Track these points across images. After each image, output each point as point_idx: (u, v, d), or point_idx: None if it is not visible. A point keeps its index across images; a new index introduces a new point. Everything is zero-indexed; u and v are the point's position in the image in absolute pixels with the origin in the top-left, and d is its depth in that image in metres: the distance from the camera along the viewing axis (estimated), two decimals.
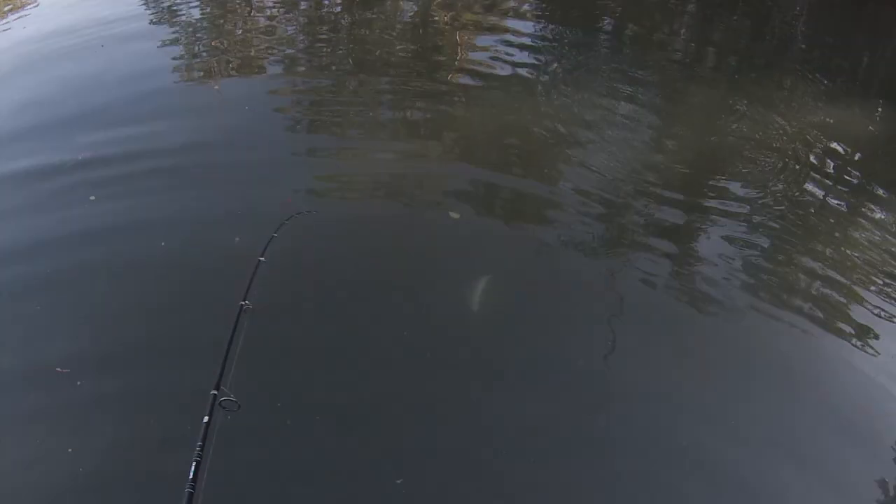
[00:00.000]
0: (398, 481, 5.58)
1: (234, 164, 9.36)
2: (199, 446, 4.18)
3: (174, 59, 12.91)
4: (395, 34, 14.40)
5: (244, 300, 5.70)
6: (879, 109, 12.50)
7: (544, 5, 17.02)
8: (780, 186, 9.71)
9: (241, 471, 5.21)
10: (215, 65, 12.87)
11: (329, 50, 13.81)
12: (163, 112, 10.88)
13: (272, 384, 6.30)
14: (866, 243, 8.76)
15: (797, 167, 10.18)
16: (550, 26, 15.54)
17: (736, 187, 9.65)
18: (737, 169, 10.13)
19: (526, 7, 16.86)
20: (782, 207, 9.23)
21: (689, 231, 8.72)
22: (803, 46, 16.20)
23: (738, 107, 11.85)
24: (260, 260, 6.47)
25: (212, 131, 10.33)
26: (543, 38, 14.80)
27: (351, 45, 14.01)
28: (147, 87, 11.70)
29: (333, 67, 12.98)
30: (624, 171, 9.68)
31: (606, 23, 16.66)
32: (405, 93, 11.88)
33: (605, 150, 10.20)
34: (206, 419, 4.41)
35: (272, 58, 13.42)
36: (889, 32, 16.55)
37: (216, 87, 11.87)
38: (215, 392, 4.65)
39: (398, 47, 13.86)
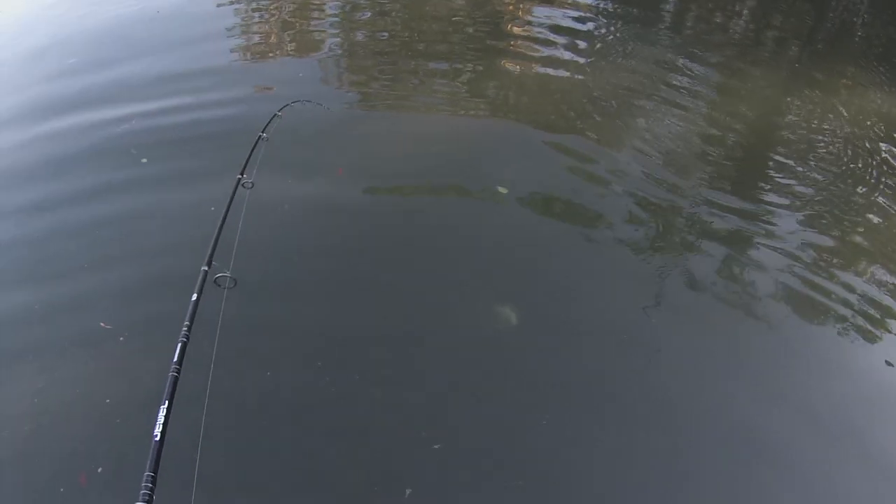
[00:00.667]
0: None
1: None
2: (187, 326, 3.82)
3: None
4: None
5: (241, 174, 5.55)
6: None
7: None
8: (839, 184, 9.61)
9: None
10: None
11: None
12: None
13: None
14: None
15: (857, 163, 10.08)
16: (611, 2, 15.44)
17: (790, 181, 9.57)
18: (792, 159, 10.07)
19: None
20: (836, 208, 9.13)
21: (740, 230, 8.58)
22: (864, 34, 15.95)
23: (797, 93, 11.82)
24: (261, 136, 6.44)
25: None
26: (604, 12, 14.80)
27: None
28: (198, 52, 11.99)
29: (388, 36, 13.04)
30: (679, 153, 9.73)
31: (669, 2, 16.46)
32: (463, 56, 11.99)
33: (660, 128, 10.24)
34: (194, 297, 4.05)
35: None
36: None
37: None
38: (206, 268, 4.33)
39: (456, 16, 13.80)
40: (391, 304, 6.85)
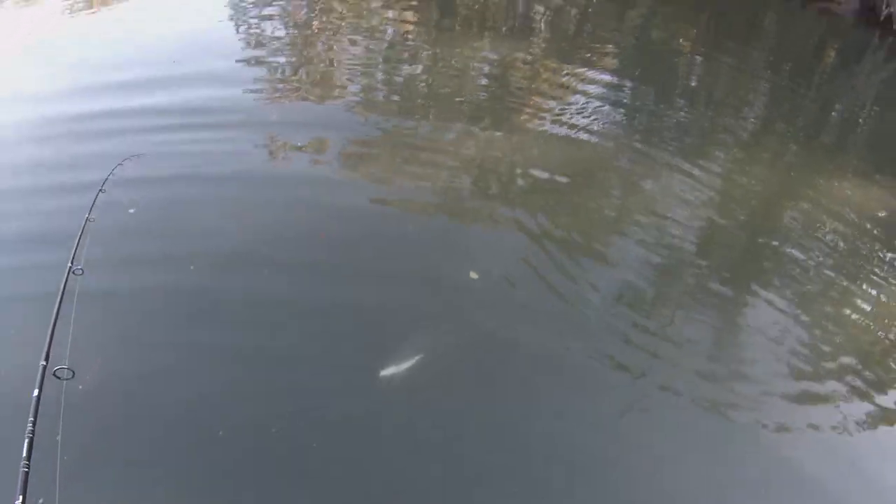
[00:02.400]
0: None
1: None
2: (31, 422, 3.85)
3: None
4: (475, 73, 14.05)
5: (71, 261, 5.47)
6: None
7: (622, 59, 17.21)
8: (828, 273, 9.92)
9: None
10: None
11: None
12: None
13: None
14: None
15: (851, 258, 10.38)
16: (627, 77, 15.94)
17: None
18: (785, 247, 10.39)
19: (606, 60, 17.01)
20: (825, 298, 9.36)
21: (730, 310, 8.77)
22: (865, 133, 16.40)
23: (793, 185, 12.24)
24: (88, 218, 6.35)
25: None
26: (618, 87, 15.25)
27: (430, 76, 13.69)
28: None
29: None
30: (670, 234, 9.97)
31: (683, 81, 17.05)
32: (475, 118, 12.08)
33: (658, 208, 10.51)
34: (35, 393, 4.04)
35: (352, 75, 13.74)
36: None
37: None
38: (44, 363, 4.33)
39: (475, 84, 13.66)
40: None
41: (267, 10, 16.37)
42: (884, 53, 24.25)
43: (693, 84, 16.90)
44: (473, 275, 8.34)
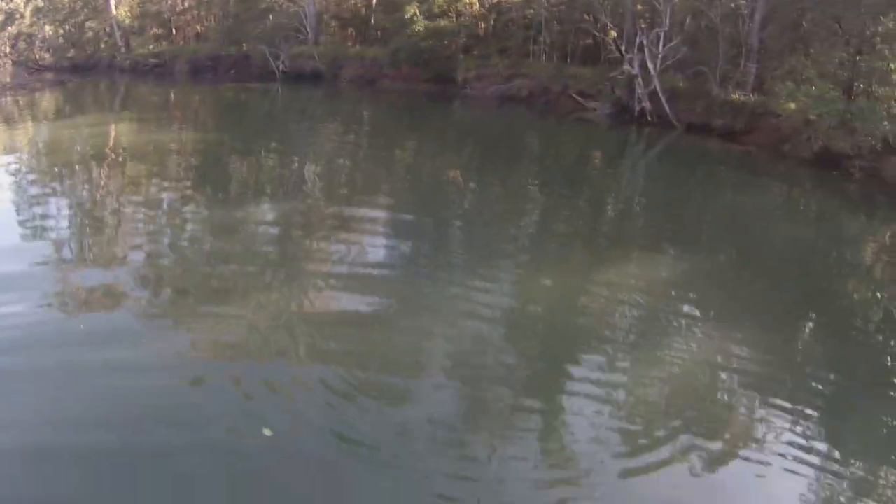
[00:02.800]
0: None
1: None
2: None
3: None
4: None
5: None
6: None
7: (398, 199, 16.98)
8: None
9: None
10: None
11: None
12: None
13: None
14: None
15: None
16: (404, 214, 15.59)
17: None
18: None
19: (382, 201, 16.68)
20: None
21: (548, 411, 8.40)
22: (640, 217, 17.03)
23: (583, 277, 12.19)
24: None
25: None
26: (397, 225, 14.90)
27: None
28: None
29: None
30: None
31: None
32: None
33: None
34: None
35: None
36: None
37: None
38: None
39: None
40: None
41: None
42: (643, 145, 25.63)
43: (469, 209, 16.77)
44: (267, 431, 7.47)
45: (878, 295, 12.44)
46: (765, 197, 18.79)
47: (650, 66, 26.21)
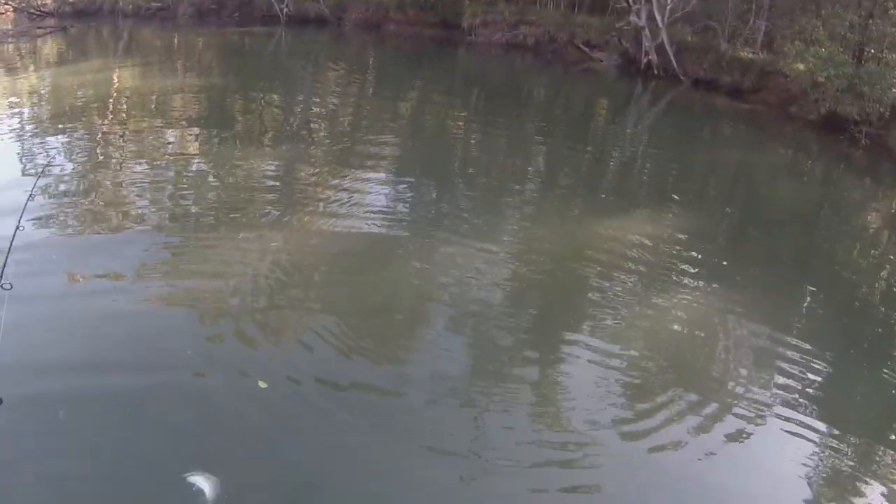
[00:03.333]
0: None
1: None
2: None
3: None
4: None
5: None
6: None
7: (402, 148, 16.80)
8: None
9: None
10: None
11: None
12: None
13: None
14: None
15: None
16: (409, 164, 15.40)
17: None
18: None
19: (387, 151, 16.48)
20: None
21: (550, 365, 8.32)
22: (644, 173, 17.01)
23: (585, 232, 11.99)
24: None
25: None
26: (401, 175, 14.67)
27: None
28: None
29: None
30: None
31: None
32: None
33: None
34: None
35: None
36: None
37: None
38: None
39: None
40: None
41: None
42: (648, 97, 25.53)
43: (473, 160, 16.75)
44: (262, 384, 7.54)
45: (880, 263, 12.66)
46: (770, 157, 18.88)
47: (658, 17, 25.93)
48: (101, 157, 14.24)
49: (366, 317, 9.11)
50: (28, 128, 15.83)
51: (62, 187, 12.34)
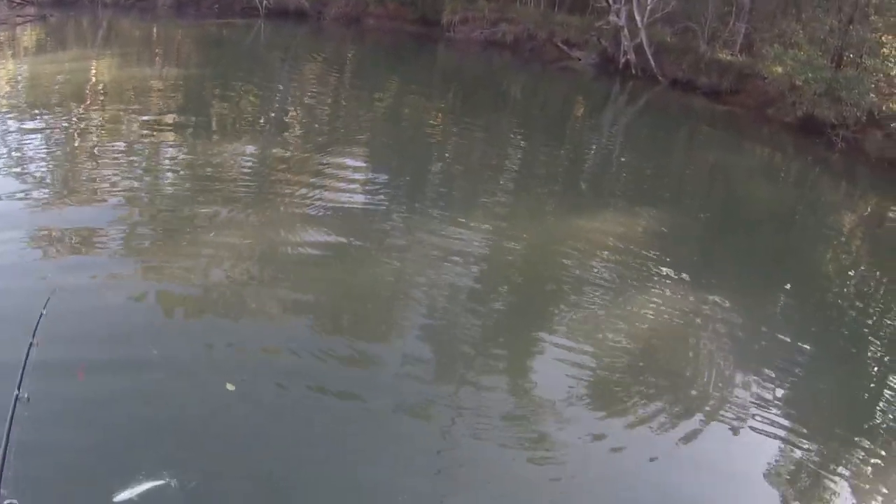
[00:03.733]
0: None
1: None
2: None
3: None
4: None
5: (17, 388, 5.09)
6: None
7: (378, 142, 16.70)
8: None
9: None
10: None
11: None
12: None
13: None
14: None
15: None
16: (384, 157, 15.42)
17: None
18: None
19: (363, 143, 16.37)
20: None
21: (522, 352, 8.39)
22: (618, 173, 17.16)
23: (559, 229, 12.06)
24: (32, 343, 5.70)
25: None
26: (376, 167, 14.72)
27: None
28: None
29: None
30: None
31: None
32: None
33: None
34: None
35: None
36: None
37: None
38: None
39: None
40: None
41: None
42: (625, 97, 25.61)
43: (449, 156, 16.74)
44: (230, 386, 7.43)
45: (854, 264, 12.75)
46: (747, 159, 19.00)
47: (637, 18, 25.97)
48: (77, 144, 14.14)
49: (339, 307, 9.10)
50: (3, 115, 15.67)
51: (37, 173, 12.26)
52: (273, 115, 18.17)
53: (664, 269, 10.88)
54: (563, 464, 6.65)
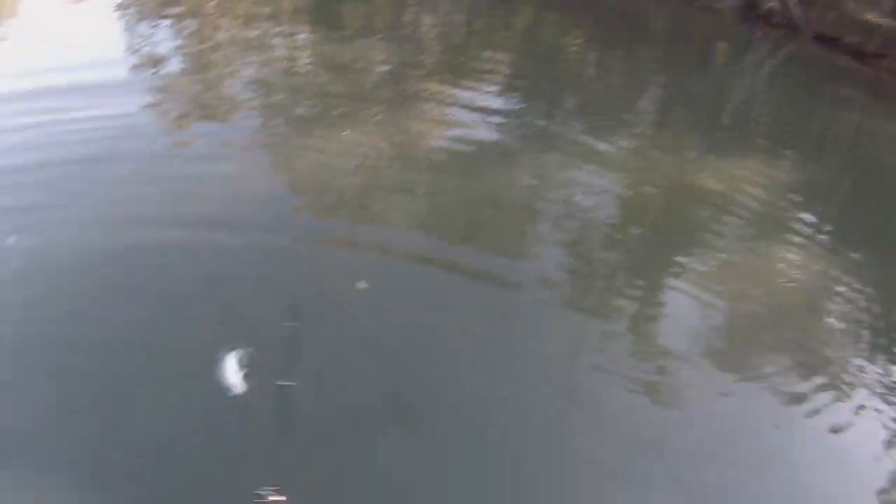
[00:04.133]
0: None
1: None
2: None
3: None
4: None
5: None
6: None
7: (515, 64, 17.03)
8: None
9: None
10: None
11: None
12: None
13: None
14: None
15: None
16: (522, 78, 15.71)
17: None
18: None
19: (500, 66, 16.68)
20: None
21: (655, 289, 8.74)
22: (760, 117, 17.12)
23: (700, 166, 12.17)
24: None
25: None
26: (514, 88, 14.93)
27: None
28: None
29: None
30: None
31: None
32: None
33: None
34: None
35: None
36: None
37: None
38: None
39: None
40: None
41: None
42: (767, 47, 24.91)
43: (586, 81, 16.79)
44: (362, 284, 7.73)
45: None
46: (893, 125, 18.32)
47: None
48: (205, 44, 14.39)
49: (468, 216, 9.27)
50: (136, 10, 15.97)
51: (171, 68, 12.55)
52: (409, 20, 18.20)
53: (803, 227, 10.92)
54: (688, 417, 7.06)
